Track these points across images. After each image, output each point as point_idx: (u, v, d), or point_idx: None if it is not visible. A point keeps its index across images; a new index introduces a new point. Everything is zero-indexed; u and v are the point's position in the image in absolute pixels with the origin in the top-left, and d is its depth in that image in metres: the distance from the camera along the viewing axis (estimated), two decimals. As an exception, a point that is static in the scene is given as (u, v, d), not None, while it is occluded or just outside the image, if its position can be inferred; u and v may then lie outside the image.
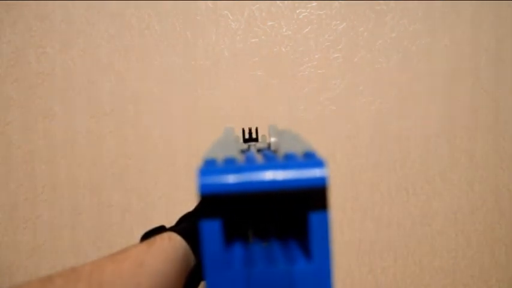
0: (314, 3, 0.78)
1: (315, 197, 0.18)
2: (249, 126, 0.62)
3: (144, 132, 0.77)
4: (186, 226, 0.41)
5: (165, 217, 0.77)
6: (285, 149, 0.20)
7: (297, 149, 0.20)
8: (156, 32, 0.76)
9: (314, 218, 0.18)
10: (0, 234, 0.76)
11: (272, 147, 0.34)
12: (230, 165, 0.18)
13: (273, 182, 0.17)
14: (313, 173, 0.18)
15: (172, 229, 0.39)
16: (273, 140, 0.34)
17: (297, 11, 0.78)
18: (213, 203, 0.17)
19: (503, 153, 0.82)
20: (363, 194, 0.80)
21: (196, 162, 0.78)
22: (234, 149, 0.20)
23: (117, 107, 0.77)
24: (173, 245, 0.36)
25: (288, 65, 0.78)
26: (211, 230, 0.17)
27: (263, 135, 0.53)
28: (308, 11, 0.78)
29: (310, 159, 0.19)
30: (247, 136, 0.61)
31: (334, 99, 0.79)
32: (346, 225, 0.80)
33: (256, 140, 0.61)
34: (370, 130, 0.79)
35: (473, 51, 0.81)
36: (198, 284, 0.40)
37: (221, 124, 0.78)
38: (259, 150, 0.38)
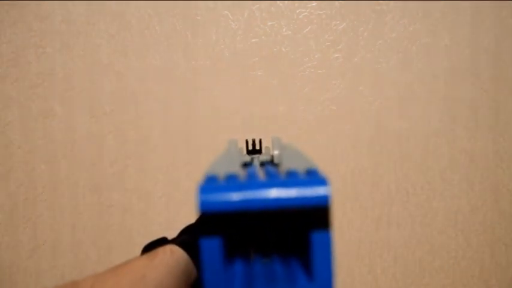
0: (314, 3, 0.78)
1: (317, 215, 0.18)
2: (253, 138, 0.62)
3: (144, 132, 0.77)
4: (188, 239, 0.41)
5: (165, 217, 0.77)
6: (287, 164, 0.20)
7: (300, 166, 0.20)
8: (156, 32, 0.76)
9: (316, 237, 0.18)
10: (0, 234, 0.76)
11: (275, 160, 0.34)
12: (231, 183, 0.18)
13: (275, 200, 0.17)
14: (316, 191, 0.17)
15: (174, 241, 0.39)
16: (276, 152, 0.34)
17: (297, 11, 0.78)
18: (213, 220, 0.17)
19: (503, 153, 0.82)
20: (362, 194, 0.80)
21: (196, 162, 0.78)
22: (237, 164, 0.20)
23: (117, 107, 0.77)
24: (175, 258, 0.36)
25: (288, 65, 0.78)
26: (211, 247, 0.17)
27: (266, 147, 0.53)
28: (308, 11, 0.78)
29: (313, 177, 0.18)
30: (250, 148, 0.61)
31: (334, 99, 0.79)
32: (346, 225, 0.80)
33: (259, 151, 0.61)
34: (370, 130, 0.79)
35: (473, 51, 0.81)
36: None
37: (221, 124, 0.78)
38: (262, 164, 0.38)
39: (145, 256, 0.36)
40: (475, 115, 0.81)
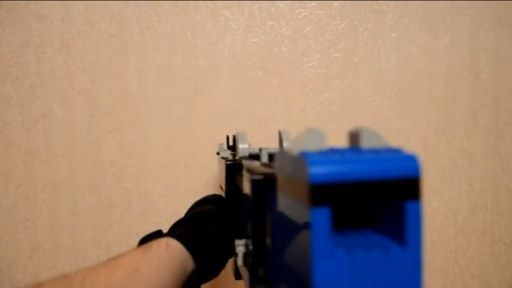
0: (314, 3, 0.78)
1: (410, 187, 0.19)
2: (233, 134, 0.63)
3: (144, 132, 0.77)
4: (185, 231, 0.40)
5: (165, 217, 0.77)
6: (366, 144, 0.21)
7: (378, 145, 0.21)
8: (156, 32, 0.76)
9: (409, 207, 0.19)
10: (0, 234, 0.76)
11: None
12: (332, 157, 0.19)
13: (380, 171, 0.19)
14: (411, 164, 0.19)
15: (171, 234, 0.38)
16: (285, 145, 0.35)
17: (297, 11, 0.78)
18: (322, 191, 0.18)
19: (503, 153, 0.82)
20: (362, 194, 0.80)
21: (196, 162, 0.78)
22: (321, 144, 0.21)
23: (117, 107, 0.77)
24: (170, 251, 0.35)
25: (288, 65, 0.78)
26: (322, 217, 0.18)
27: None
28: (308, 10, 0.78)
29: (400, 153, 0.20)
30: (231, 143, 0.62)
31: (334, 99, 0.79)
32: (346, 225, 0.80)
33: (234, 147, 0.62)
34: (370, 130, 0.79)
35: (473, 51, 0.81)
36: None
37: (221, 124, 0.78)
38: (270, 156, 0.38)
39: (140, 249, 0.35)
40: (475, 115, 0.81)
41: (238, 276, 0.43)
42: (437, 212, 0.81)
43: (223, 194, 0.54)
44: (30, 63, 0.75)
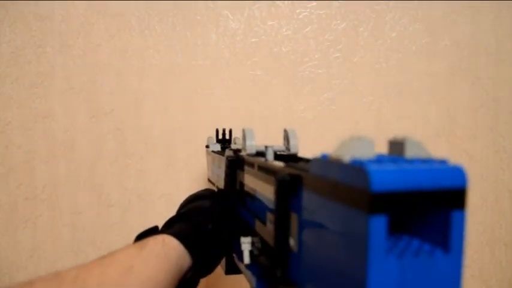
0: (314, 3, 0.78)
1: (457, 197, 0.20)
2: (223, 128, 0.63)
3: (144, 132, 0.77)
4: (182, 228, 0.39)
5: (165, 217, 0.77)
6: (408, 153, 0.23)
7: (422, 155, 0.22)
8: (156, 32, 0.76)
9: (455, 216, 0.20)
10: (0, 234, 0.76)
11: (293, 150, 0.36)
12: (388, 165, 0.20)
13: (432, 182, 0.20)
14: (459, 175, 0.20)
15: (168, 231, 0.38)
16: (292, 142, 0.36)
17: (297, 11, 0.78)
18: (381, 200, 0.18)
19: (503, 153, 0.82)
20: (363, 194, 0.80)
21: (196, 162, 0.78)
22: (370, 151, 0.22)
23: (117, 107, 0.77)
24: (166, 249, 0.35)
25: (288, 65, 0.78)
26: (380, 225, 0.19)
27: (236, 138, 0.53)
28: (308, 10, 0.78)
29: (447, 164, 0.21)
30: (220, 137, 0.62)
31: (334, 99, 0.79)
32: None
33: (229, 141, 0.62)
34: (370, 130, 0.79)
35: (473, 51, 0.81)
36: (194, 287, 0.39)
37: (221, 124, 0.78)
38: (276, 153, 0.38)
39: (135, 245, 0.35)
40: (475, 115, 0.81)
41: (229, 271, 0.43)
42: (437, 212, 0.81)
43: (213, 188, 0.53)
44: (30, 63, 0.75)
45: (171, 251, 0.35)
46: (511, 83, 0.82)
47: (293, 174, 0.25)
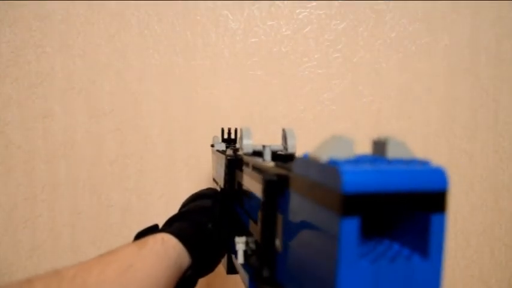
0: (314, 3, 0.78)
1: (437, 200, 0.19)
2: (229, 127, 0.63)
3: (144, 132, 0.77)
4: (182, 226, 0.39)
5: (165, 217, 0.77)
6: (391, 154, 0.21)
7: (404, 155, 0.21)
8: (156, 32, 0.76)
9: (434, 219, 0.20)
10: (0, 234, 0.76)
11: (290, 150, 0.35)
12: (364, 166, 0.19)
13: (410, 183, 0.19)
14: (440, 177, 0.19)
15: (167, 230, 0.38)
16: (290, 142, 0.36)
17: (297, 11, 0.78)
18: (354, 201, 0.18)
19: (503, 153, 0.82)
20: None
21: (196, 162, 0.78)
22: (349, 151, 0.21)
23: (117, 107, 0.77)
24: (166, 247, 0.35)
25: (288, 65, 0.78)
26: (351, 228, 0.18)
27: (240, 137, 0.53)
28: (308, 10, 0.78)
29: (428, 165, 0.20)
30: (226, 136, 0.62)
31: (334, 99, 0.79)
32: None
33: (234, 141, 0.62)
34: (370, 130, 0.79)
35: (473, 51, 0.81)
36: (192, 287, 0.39)
37: (221, 124, 0.78)
38: (274, 153, 0.38)
39: (135, 244, 0.34)
40: (475, 115, 0.81)
41: (230, 270, 0.43)
42: (437, 212, 0.81)
43: (216, 187, 0.53)
44: (30, 63, 0.75)
45: (170, 250, 0.35)
46: (511, 83, 0.82)
47: (280, 174, 0.25)
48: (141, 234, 0.39)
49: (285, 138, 0.38)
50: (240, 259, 0.34)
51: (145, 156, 0.77)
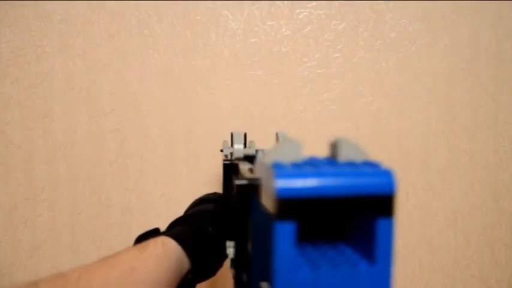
0: (314, 3, 0.78)
1: (382, 203, 0.19)
2: (238, 131, 0.62)
3: (144, 132, 0.77)
4: (182, 230, 0.39)
5: (165, 217, 0.77)
6: (344, 156, 0.21)
7: (357, 157, 0.21)
8: (156, 32, 0.76)
9: (380, 224, 0.19)
10: (0, 234, 0.76)
11: None
12: (303, 170, 0.18)
13: (350, 188, 0.18)
14: (385, 180, 0.19)
15: (167, 233, 0.38)
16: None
17: (297, 11, 0.78)
18: (288, 206, 0.17)
19: (503, 153, 0.82)
20: (362, 194, 0.80)
21: (196, 162, 0.78)
22: (298, 154, 0.21)
23: (117, 107, 0.77)
24: (166, 250, 0.35)
25: (288, 65, 0.78)
26: (286, 232, 0.18)
27: (251, 141, 0.53)
28: (308, 10, 0.78)
29: (377, 168, 0.19)
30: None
31: (334, 99, 0.79)
32: (346, 225, 0.80)
33: (244, 145, 0.62)
34: (370, 130, 0.79)
35: (473, 51, 0.81)
36: None
37: (221, 124, 0.78)
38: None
39: (136, 247, 0.35)
40: (475, 115, 0.81)
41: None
42: (437, 212, 0.81)
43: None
44: (30, 63, 0.75)
45: (170, 253, 0.35)
46: (511, 83, 0.81)
47: (252, 178, 0.25)
48: (141, 238, 0.40)
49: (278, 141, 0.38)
50: (230, 263, 0.34)
51: (145, 156, 0.77)
